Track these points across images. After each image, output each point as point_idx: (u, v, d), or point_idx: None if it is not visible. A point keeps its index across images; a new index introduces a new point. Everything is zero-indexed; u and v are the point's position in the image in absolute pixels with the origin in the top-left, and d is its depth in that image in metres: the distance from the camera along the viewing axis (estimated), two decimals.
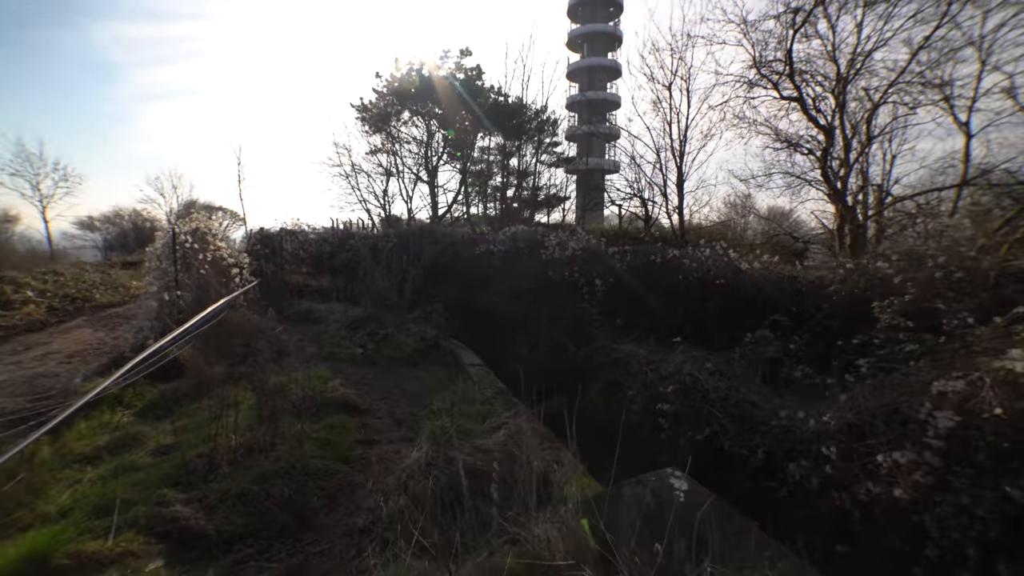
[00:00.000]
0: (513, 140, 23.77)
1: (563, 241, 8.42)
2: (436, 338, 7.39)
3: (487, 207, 23.32)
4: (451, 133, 22.20)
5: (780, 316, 6.29)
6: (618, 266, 7.92)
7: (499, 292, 9.38)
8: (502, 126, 22.91)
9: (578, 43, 37.12)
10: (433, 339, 7.36)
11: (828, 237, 16.75)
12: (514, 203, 25.19)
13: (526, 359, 8.28)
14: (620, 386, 6.79)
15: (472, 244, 9.94)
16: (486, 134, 23.44)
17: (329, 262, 12.09)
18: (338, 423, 4.43)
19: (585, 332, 7.95)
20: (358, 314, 8.32)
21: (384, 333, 7.59)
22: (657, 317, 7.78)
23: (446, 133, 22.42)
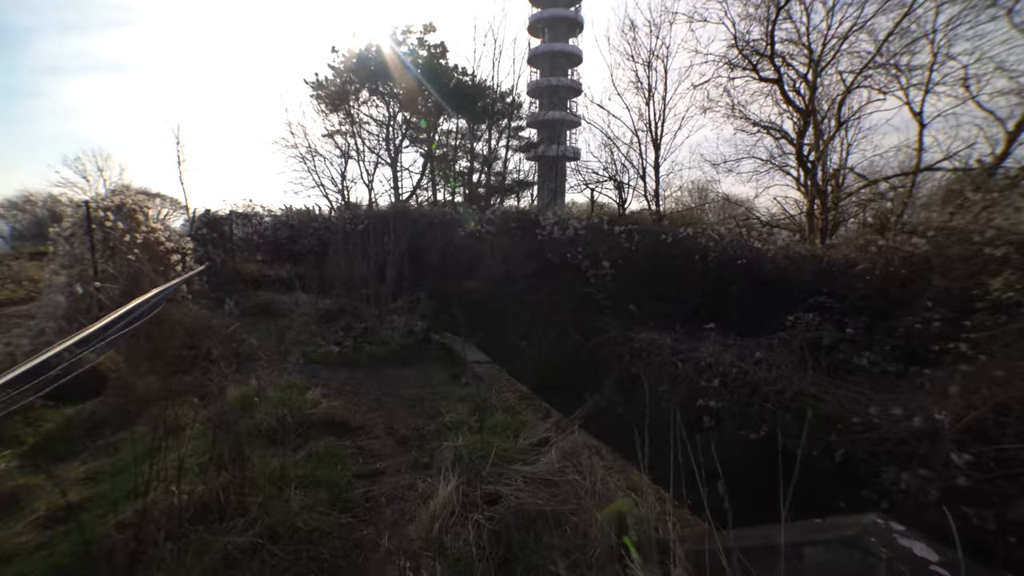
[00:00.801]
0: (478, 124, 22.46)
1: (562, 220, 7.40)
2: (426, 331, 6.23)
3: (454, 192, 21.97)
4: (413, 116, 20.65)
5: (823, 298, 5.58)
6: (627, 246, 7.02)
7: (489, 278, 8.28)
8: (466, 109, 21.53)
9: (539, 28, 35.96)
10: (422, 333, 6.19)
11: (790, 222, 16.67)
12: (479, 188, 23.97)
13: (526, 352, 7.27)
14: (641, 380, 5.91)
15: (455, 225, 8.76)
16: (449, 117, 22.02)
17: (289, 248, 10.55)
18: (326, 450, 3.25)
19: (592, 320, 7.01)
20: (329, 306, 7.00)
21: (363, 327, 6.35)
22: (670, 301, 6.95)
23: (407, 116, 20.86)
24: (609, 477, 2.94)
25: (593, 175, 15.76)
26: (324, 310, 6.87)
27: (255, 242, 10.64)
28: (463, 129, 22.39)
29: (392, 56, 19.67)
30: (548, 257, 7.48)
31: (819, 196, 13.87)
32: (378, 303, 6.72)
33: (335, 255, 7.26)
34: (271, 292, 8.64)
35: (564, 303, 7.32)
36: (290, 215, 11.13)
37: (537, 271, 7.70)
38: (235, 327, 5.94)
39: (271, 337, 6.23)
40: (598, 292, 6.97)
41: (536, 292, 7.60)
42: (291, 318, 6.74)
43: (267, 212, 11.04)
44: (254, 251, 10.96)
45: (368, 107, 20.80)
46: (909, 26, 12.30)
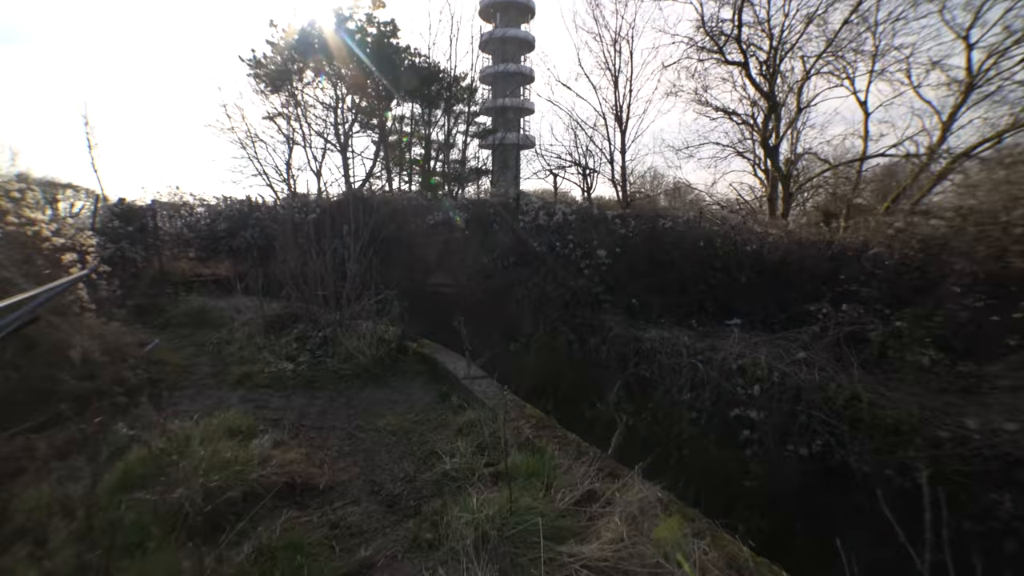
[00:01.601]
0: (432, 108, 20.97)
1: (548, 205, 6.44)
2: (400, 339, 5.10)
3: (410, 181, 20.44)
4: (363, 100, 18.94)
5: (854, 286, 4.96)
6: (622, 232, 6.16)
7: (464, 271, 7.20)
8: (420, 93, 19.99)
9: (491, 13, 34.46)
10: (396, 341, 5.07)
11: (745, 206, 16.57)
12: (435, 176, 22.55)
13: (517, 359, 6.30)
14: (655, 385, 5.10)
15: (423, 212, 7.58)
16: (401, 101, 20.38)
17: (228, 243, 8.97)
18: (283, 539, 2.16)
19: (588, 317, 6.13)
20: (278, 311, 5.71)
21: (321, 337, 5.14)
22: (672, 293, 6.18)
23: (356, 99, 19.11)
24: (707, 556, 2.03)
25: (557, 160, 14.90)
26: (272, 316, 5.57)
27: (186, 237, 8.96)
28: (416, 115, 20.87)
29: (337, 33, 17.85)
30: (533, 246, 6.52)
31: (781, 179, 13.68)
32: (339, 306, 5.51)
33: (283, 250, 5.94)
34: (206, 296, 7.16)
35: (554, 298, 6.39)
36: (229, 205, 9.49)
37: (520, 262, 6.72)
38: (153, 345, 4.57)
39: (205, 356, 4.90)
40: (593, 285, 6.09)
41: (520, 286, 6.62)
42: (231, 328, 5.40)
43: (199, 201, 9.35)
44: (185, 247, 9.26)
45: (313, 89, 18.91)
46: (854, 20, 12.22)
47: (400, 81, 18.89)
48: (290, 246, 5.73)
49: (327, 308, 5.62)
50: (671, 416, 4.71)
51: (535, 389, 6.36)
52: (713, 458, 4.12)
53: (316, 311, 5.58)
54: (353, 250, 5.60)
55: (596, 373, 5.88)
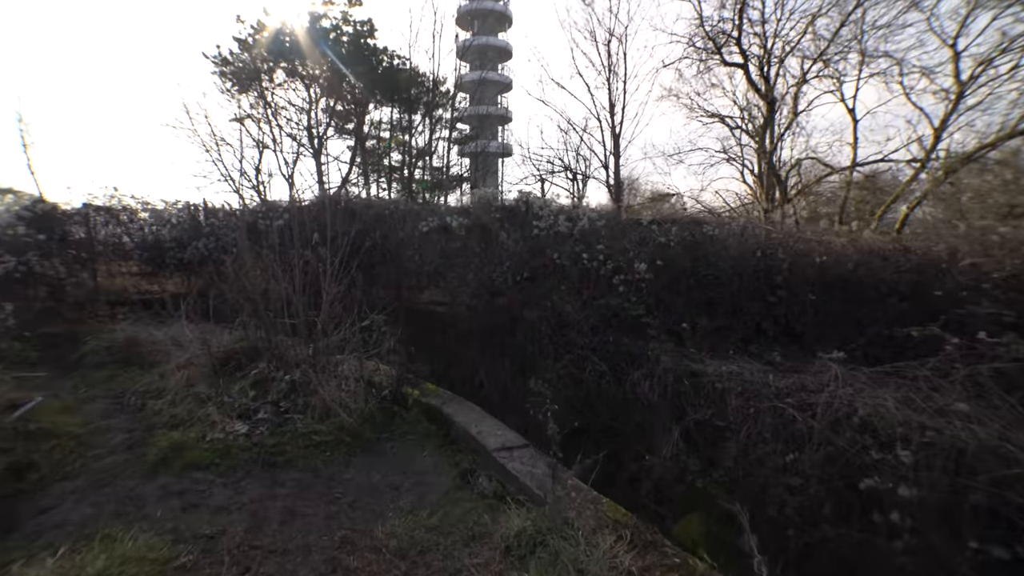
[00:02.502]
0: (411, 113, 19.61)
1: (569, 209, 5.22)
2: (397, 384, 3.74)
3: (389, 188, 18.96)
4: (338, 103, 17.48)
5: (995, 308, 3.90)
6: (662, 241, 4.99)
7: (463, 287, 5.88)
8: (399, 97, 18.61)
9: (468, 20, 33.38)
10: (390, 387, 3.70)
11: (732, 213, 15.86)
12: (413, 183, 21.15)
13: (537, 393, 5.01)
14: (726, 435, 3.91)
15: (414, 218, 6.23)
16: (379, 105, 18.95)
17: (176, 255, 7.36)
18: None
19: (624, 343, 4.92)
20: (232, 344, 4.25)
21: (288, 381, 3.72)
22: (719, 314, 5.03)
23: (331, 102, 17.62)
24: None
25: (547, 165, 13.77)
26: (224, 352, 4.11)
27: (124, 247, 7.32)
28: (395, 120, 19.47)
29: (310, 31, 16.35)
30: (552, 258, 5.27)
31: (778, 185, 12.94)
32: (312, 337, 4.10)
33: (238, 264, 4.49)
34: (148, 320, 5.58)
35: (579, 320, 5.15)
36: (179, 210, 7.88)
37: (535, 276, 5.45)
38: (32, 405, 3.07)
39: (121, 415, 3.42)
40: (631, 305, 4.87)
41: (536, 305, 5.35)
42: (165, 371, 3.91)
43: (142, 205, 7.71)
44: (123, 259, 7.60)
45: (285, 90, 17.33)
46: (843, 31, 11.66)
47: (378, 84, 17.49)
48: (246, 259, 4.29)
49: (297, 340, 4.21)
50: (757, 479, 3.52)
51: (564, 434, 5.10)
52: (838, 547, 2.94)
53: (282, 344, 4.15)
54: (330, 264, 4.21)
55: (639, 414, 4.66)
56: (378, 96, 18.14)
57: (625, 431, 4.80)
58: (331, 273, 4.26)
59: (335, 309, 4.17)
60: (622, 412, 4.88)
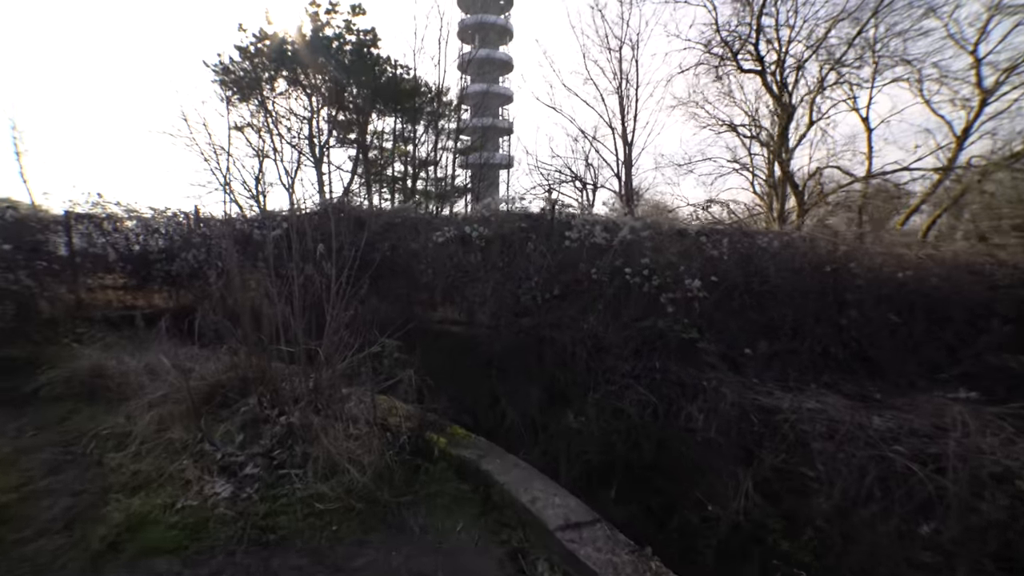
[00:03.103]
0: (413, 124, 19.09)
1: (611, 220, 4.57)
2: (419, 429, 3.01)
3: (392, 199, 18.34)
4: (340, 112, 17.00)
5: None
6: (713, 253, 4.33)
7: (484, 305, 5.18)
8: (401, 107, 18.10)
9: (469, 34, 33.17)
10: (412, 434, 2.98)
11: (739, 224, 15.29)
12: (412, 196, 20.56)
13: (575, 434, 4.32)
14: (813, 487, 3.20)
15: (427, 229, 5.55)
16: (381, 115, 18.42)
17: (164, 267, 6.64)
18: None
19: (674, 370, 4.22)
20: (217, 375, 3.51)
21: (285, 424, 3.00)
22: (779, 337, 4.35)
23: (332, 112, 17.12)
24: None
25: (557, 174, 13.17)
26: (207, 386, 3.37)
27: (108, 258, 6.59)
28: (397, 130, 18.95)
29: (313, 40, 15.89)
30: (588, 274, 4.59)
31: (796, 194, 12.39)
32: (314, 367, 3.38)
33: (226, 279, 3.78)
34: (119, 344, 4.84)
35: (617, 343, 4.46)
36: (168, 219, 7.18)
37: (568, 294, 4.77)
38: None
39: (69, 470, 2.68)
40: (682, 328, 4.18)
41: (567, 327, 4.66)
42: (134, 409, 3.17)
43: (128, 213, 7.00)
44: (106, 270, 6.88)
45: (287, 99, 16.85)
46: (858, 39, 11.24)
47: (380, 93, 16.99)
48: (235, 275, 3.58)
49: (295, 368, 3.49)
50: (862, 546, 2.81)
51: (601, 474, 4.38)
52: None
53: (277, 375, 3.43)
54: (336, 282, 3.51)
55: (693, 453, 3.94)
56: (380, 106, 17.65)
57: (676, 472, 4.08)
58: (337, 292, 3.55)
59: (341, 336, 3.46)
60: (671, 449, 4.16)
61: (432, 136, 19.59)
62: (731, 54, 11.10)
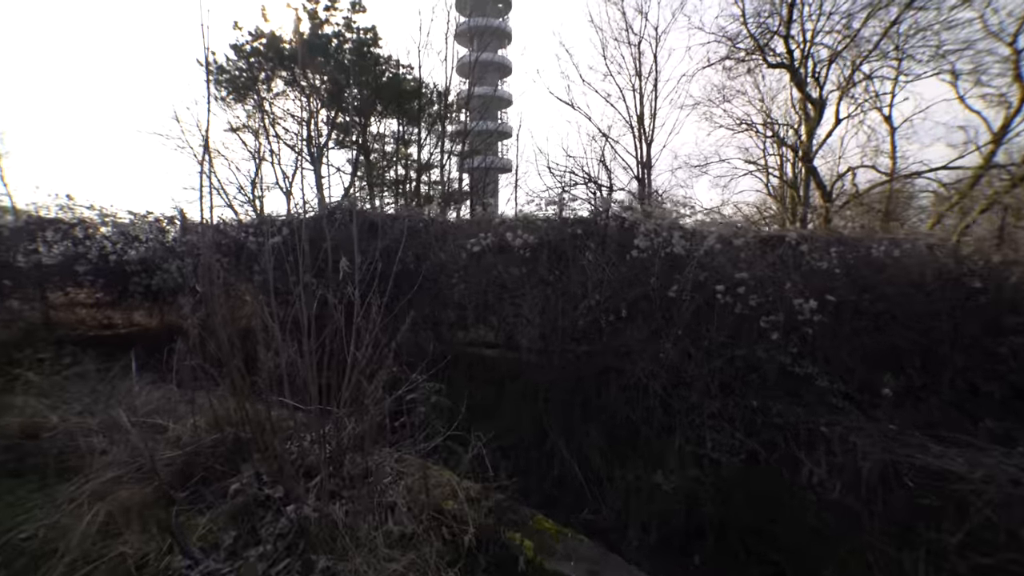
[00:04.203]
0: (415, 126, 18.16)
1: (696, 230, 3.65)
2: (494, 529, 2.05)
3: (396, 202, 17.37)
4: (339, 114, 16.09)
5: None
6: (823, 267, 3.42)
7: (528, 327, 4.22)
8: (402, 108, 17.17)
9: (467, 37, 32.33)
10: (485, 536, 2.02)
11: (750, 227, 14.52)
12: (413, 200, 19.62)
13: (649, 486, 3.39)
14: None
15: (457, 235, 4.59)
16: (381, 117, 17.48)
17: (143, 281, 5.61)
18: None
19: (776, 410, 3.30)
20: (198, 435, 2.52)
21: (294, 524, 2.02)
22: (906, 368, 3.45)
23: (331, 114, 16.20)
24: None
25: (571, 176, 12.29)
26: (184, 457, 2.38)
27: (77, 272, 5.55)
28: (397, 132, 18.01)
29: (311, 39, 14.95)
30: (661, 290, 3.67)
31: (823, 196, 11.58)
32: (333, 424, 2.41)
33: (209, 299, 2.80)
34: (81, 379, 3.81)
35: (702, 377, 3.53)
36: (151, 225, 6.15)
37: (637, 314, 3.83)
38: None
39: None
40: (791, 358, 3.26)
41: (638, 356, 3.72)
42: (72, 498, 2.18)
43: (103, 217, 5.96)
44: (76, 285, 5.83)
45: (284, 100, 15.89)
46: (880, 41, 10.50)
47: (381, 94, 16.05)
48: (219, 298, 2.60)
49: (303, 424, 2.53)
50: None
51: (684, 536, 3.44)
52: None
53: (279, 436, 2.45)
54: (360, 306, 2.53)
55: (814, 518, 3.02)
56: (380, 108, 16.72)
57: (789, 541, 3.15)
58: (360, 320, 2.56)
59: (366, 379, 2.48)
60: (782, 511, 3.23)
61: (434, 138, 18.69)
62: (758, 48, 10.29)
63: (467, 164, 21.10)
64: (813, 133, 10.78)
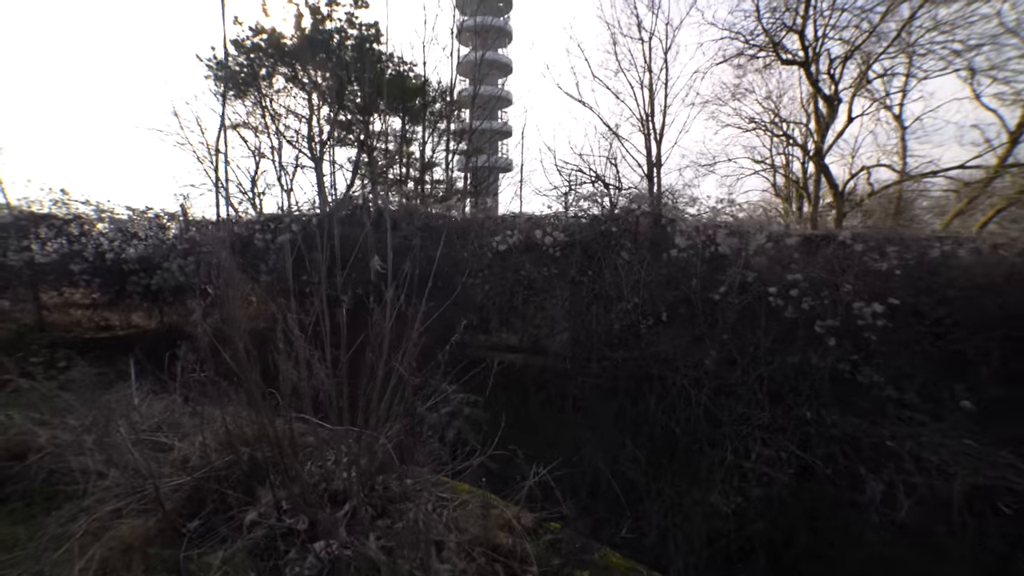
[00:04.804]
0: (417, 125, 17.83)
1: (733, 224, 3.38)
2: (560, 569, 1.76)
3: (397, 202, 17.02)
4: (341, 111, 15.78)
5: None
6: (882, 268, 3.14)
7: (557, 332, 3.93)
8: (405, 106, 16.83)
9: (467, 36, 32.01)
10: (546, 570, 1.73)
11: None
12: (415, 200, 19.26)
13: (692, 503, 3.11)
14: None
15: (480, 233, 4.28)
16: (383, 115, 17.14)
17: (142, 281, 5.27)
18: None
19: (830, 421, 3.03)
20: (207, 455, 2.21)
21: (321, 567, 1.73)
22: (977, 379, 3.18)
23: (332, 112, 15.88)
24: None
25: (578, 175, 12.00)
26: (191, 484, 2.07)
27: (72, 271, 5.20)
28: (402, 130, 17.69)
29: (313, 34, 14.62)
30: (703, 292, 3.39)
31: (835, 195, 11.35)
32: (359, 443, 2.11)
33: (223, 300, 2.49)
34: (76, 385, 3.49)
35: (749, 385, 3.25)
36: (150, 221, 5.80)
37: (677, 318, 3.54)
38: None
39: None
40: (852, 367, 2.98)
41: (679, 362, 3.43)
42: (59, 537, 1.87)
43: (100, 213, 5.61)
44: (73, 285, 5.48)
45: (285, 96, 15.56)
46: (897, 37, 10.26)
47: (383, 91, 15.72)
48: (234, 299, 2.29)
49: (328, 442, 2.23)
50: None
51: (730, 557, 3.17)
52: None
53: (299, 457, 2.15)
54: (393, 307, 2.23)
55: (884, 546, 2.74)
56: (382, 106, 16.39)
57: (854, 567, 2.87)
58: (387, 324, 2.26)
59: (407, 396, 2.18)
60: (843, 534, 2.95)
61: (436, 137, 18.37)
62: (772, 44, 10.04)
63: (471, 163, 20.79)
64: (826, 131, 10.54)
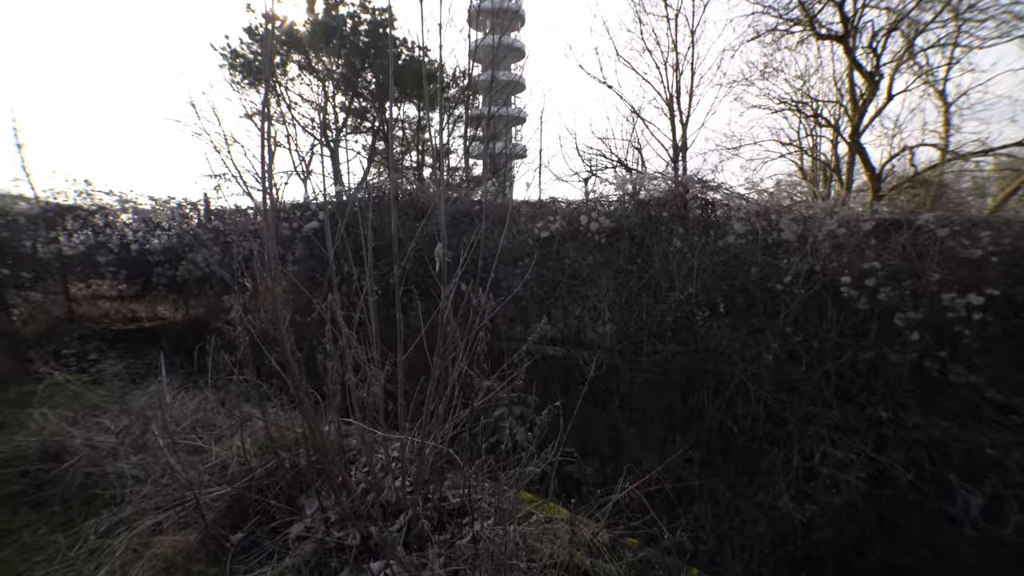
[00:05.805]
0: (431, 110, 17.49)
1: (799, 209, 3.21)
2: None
3: None
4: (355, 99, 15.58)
5: None
6: (974, 256, 2.83)
7: (601, 323, 3.70)
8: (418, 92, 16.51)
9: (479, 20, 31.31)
10: None
11: None
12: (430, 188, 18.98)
13: (752, 507, 2.88)
14: None
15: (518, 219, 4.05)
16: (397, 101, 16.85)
17: (167, 272, 5.16)
18: None
19: (914, 424, 2.75)
20: (247, 461, 2.04)
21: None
22: None
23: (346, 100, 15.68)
24: None
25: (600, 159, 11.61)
26: (231, 494, 1.90)
27: (98, 263, 5.11)
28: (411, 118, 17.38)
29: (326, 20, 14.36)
30: (763, 282, 3.11)
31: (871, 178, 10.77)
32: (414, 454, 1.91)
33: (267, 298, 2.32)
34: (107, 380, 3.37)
35: (815, 382, 2.98)
36: (173, 211, 5.67)
37: (735, 308, 3.28)
38: None
39: None
40: (941, 364, 2.70)
41: (738, 357, 3.18)
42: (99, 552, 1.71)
43: (123, 203, 5.49)
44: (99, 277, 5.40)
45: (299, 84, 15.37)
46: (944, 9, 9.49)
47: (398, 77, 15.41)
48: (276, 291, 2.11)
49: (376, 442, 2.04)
50: None
51: (795, 569, 2.93)
52: None
53: (346, 461, 1.97)
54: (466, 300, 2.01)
55: (980, 567, 2.48)
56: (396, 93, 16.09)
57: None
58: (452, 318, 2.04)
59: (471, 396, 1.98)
60: (930, 548, 2.70)
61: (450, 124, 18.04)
62: (808, 18, 9.46)
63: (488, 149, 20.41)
64: (864, 109, 9.96)
